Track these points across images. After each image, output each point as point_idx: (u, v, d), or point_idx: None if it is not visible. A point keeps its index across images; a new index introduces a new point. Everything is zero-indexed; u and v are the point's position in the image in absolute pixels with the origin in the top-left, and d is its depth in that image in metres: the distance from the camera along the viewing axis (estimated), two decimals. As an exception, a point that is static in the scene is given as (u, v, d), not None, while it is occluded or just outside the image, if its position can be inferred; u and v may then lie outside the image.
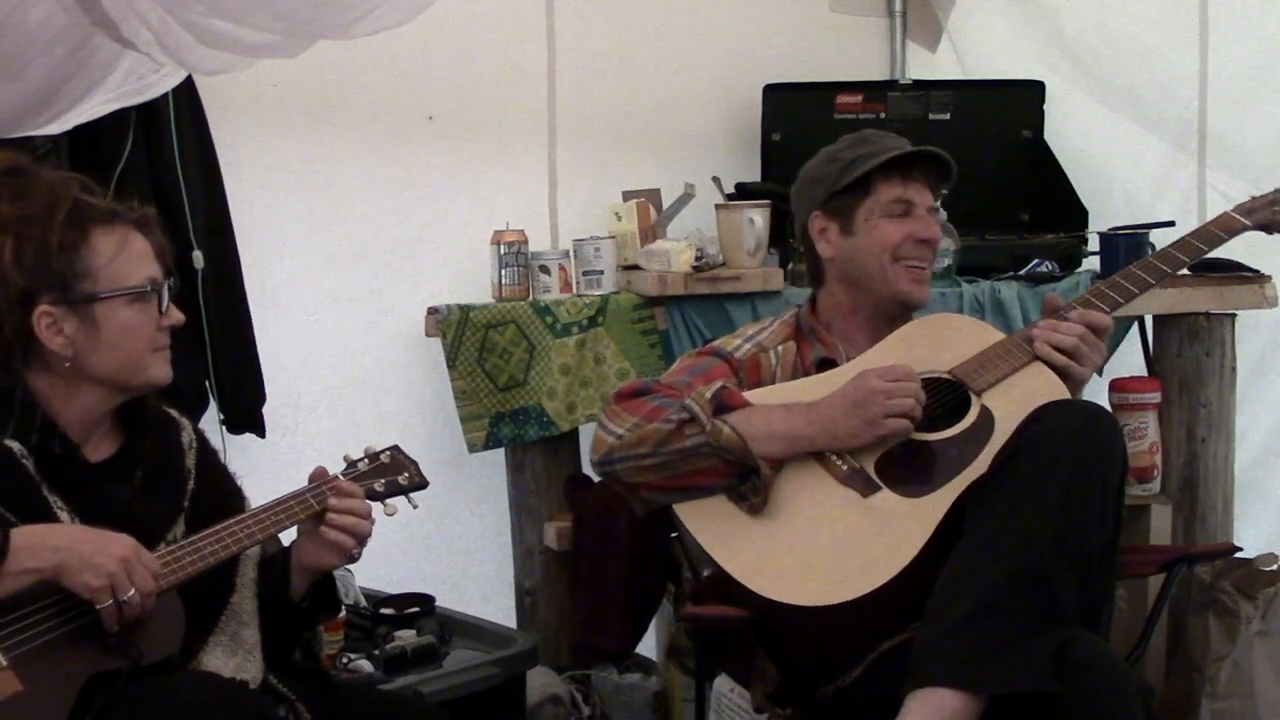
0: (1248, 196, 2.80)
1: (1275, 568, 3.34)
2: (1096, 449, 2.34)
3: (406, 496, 2.40)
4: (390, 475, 2.39)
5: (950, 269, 3.57)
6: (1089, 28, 3.98)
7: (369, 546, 3.33)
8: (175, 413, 2.37)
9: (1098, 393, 3.53)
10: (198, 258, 3.31)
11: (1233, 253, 3.35)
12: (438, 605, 3.17)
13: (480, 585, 3.76)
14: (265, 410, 3.48)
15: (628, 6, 3.98)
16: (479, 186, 3.80)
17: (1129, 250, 3.44)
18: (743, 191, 3.79)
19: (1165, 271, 2.69)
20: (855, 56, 4.27)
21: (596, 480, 3.41)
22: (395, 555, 3.46)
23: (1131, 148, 4.00)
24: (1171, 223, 3.50)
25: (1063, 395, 2.48)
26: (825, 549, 2.38)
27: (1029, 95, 4.02)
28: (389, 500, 2.38)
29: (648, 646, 3.55)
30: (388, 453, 2.42)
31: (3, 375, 2.13)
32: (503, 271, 3.54)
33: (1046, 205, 3.95)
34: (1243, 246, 3.07)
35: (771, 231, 3.58)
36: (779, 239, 3.62)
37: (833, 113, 3.95)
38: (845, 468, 2.44)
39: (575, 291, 3.60)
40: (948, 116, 3.99)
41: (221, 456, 2.43)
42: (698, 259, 3.51)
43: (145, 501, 2.20)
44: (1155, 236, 3.47)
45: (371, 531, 2.31)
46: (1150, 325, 3.76)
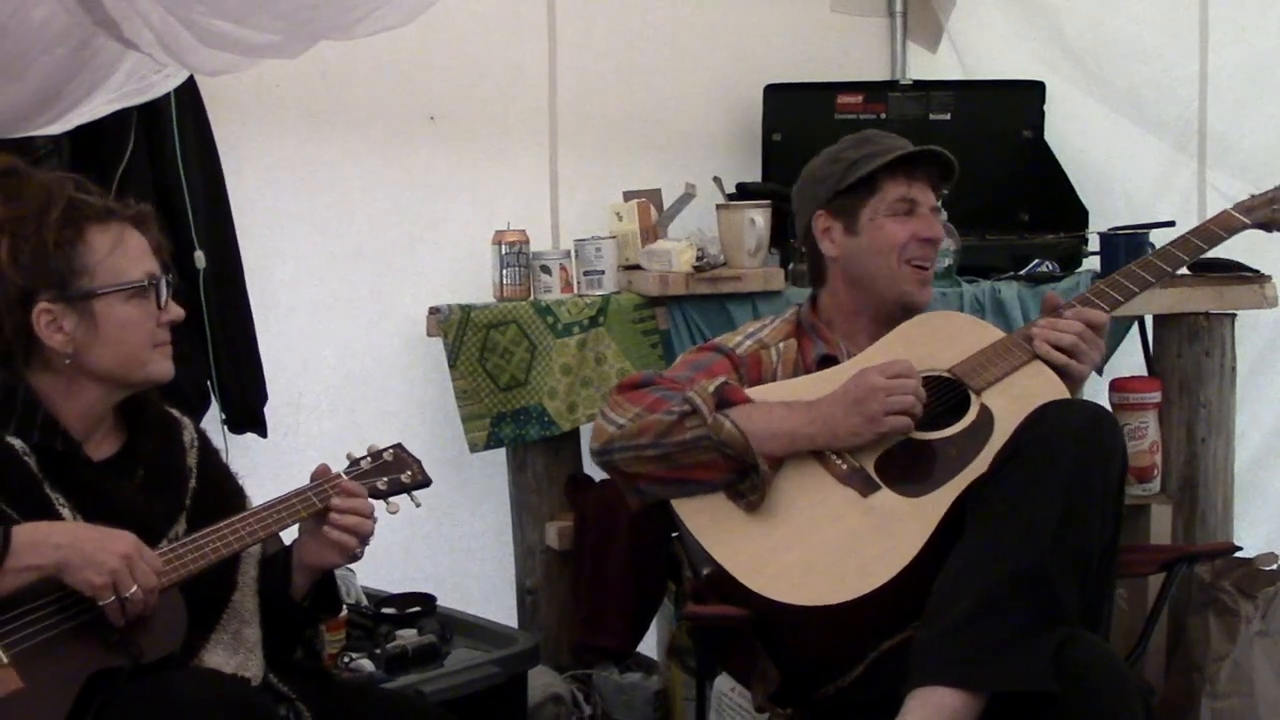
0: (1248, 196, 2.80)
1: (1275, 567, 3.34)
2: (1097, 449, 2.33)
3: (410, 495, 2.40)
4: (393, 473, 2.39)
5: (951, 269, 3.58)
6: (1089, 28, 3.99)
7: (371, 546, 3.33)
8: (177, 412, 2.37)
9: (1098, 392, 3.53)
10: (199, 258, 3.31)
11: (1233, 253, 3.35)
12: (439, 605, 3.17)
13: (481, 584, 3.75)
14: (267, 410, 3.49)
15: (629, 7, 3.98)
16: (480, 186, 3.81)
17: (1129, 250, 3.43)
18: (743, 191, 3.79)
19: (1165, 270, 2.69)
20: (856, 57, 4.28)
21: (597, 480, 3.43)
22: (396, 555, 3.46)
23: (1131, 148, 4.00)
24: (1171, 223, 3.50)
25: (1062, 394, 2.48)
26: (825, 548, 2.37)
27: (1029, 95, 4.03)
28: (392, 498, 2.38)
29: (649, 646, 3.54)
30: (391, 451, 2.42)
31: (4, 374, 2.14)
32: (504, 271, 3.55)
33: (1047, 205, 3.95)
34: (1243, 246, 3.07)
35: (772, 231, 3.58)
36: (780, 239, 3.62)
37: (833, 113, 3.95)
38: (845, 467, 2.44)
39: (576, 291, 3.60)
40: (948, 117, 3.99)
41: (223, 456, 2.43)
42: (699, 259, 3.52)
43: (147, 500, 2.20)
44: (1155, 236, 3.47)
45: (374, 531, 2.31)
46: (1150, 325, 3.76)
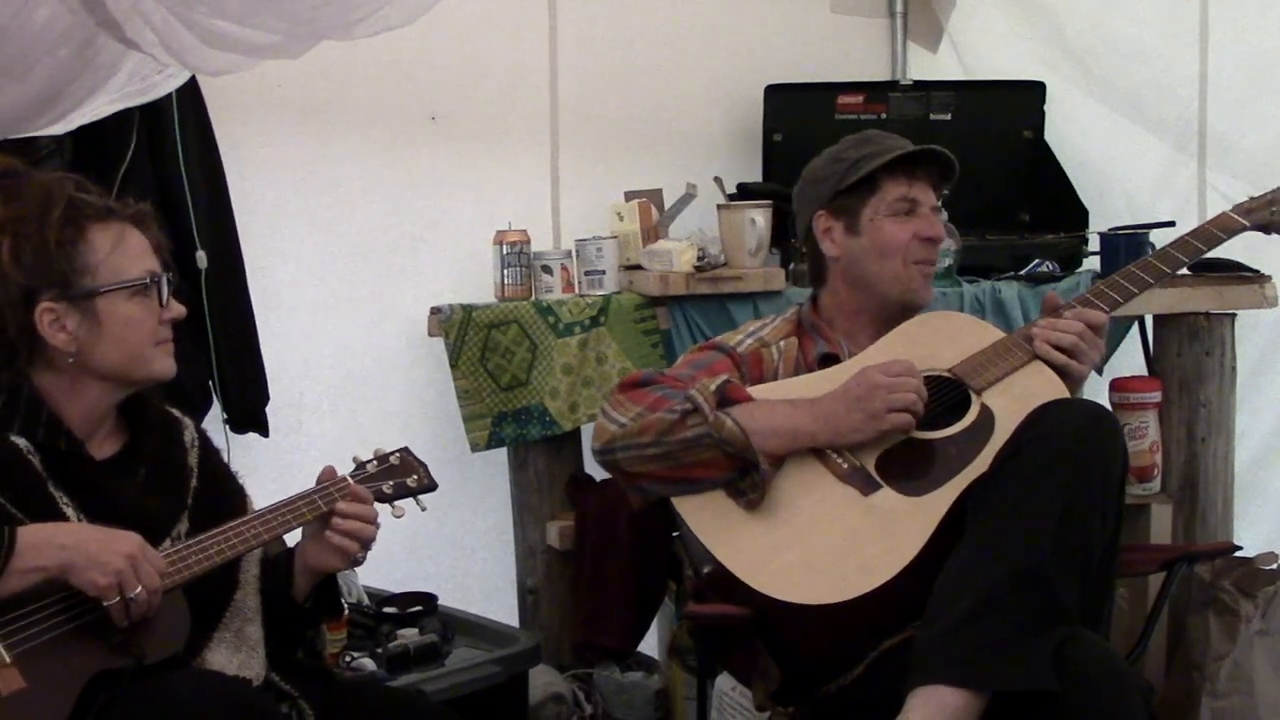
0: (1247, 196, 2.80)
1: (1275, 566, 3.34)
2: (1097, 449, 2.33)
3: (415, 499, 2.40)
4: (399, 477, 2.38)
5: (951, 269, 3.58)
6: (1089, 28, 3.99)
7: (372, 545, 3.34)
8: (177, 412, 2.37)
9: (1098, 392, 3.53)
10: (201, 258, 3.31)
11: (1233, 253, 3.35)
12: (440, 604, 3.18)
13: (483, 584, 3.76)
14: (268, 410, 3.49)
15: (630, 7, 3.99)
16: (481, 186, 3.81)
17: (1129, 250, 3.44)
18: (744, 191, 3.79)
19: (1164, 271, 2.69)
20: (856, 57, 4.28)
21: (599, 479, 3.43)
22: (398, 554, 3.46)
23: (1131, 148, 4.01)
24: (1171, 223, 3.50)
25: (1062, 393, 2.48)
26: (826, 547, 2.37)
27: (1029, 96, 4.03)
28: (397, 502, 2.37)
29: (650, 645, 3.55)
30: (397, 455, 2.41)
31: (8, 373, 2.14)
32: (505, 271, 3.55)
33: (1047, 205, 3.96)
34: (1243, 246, 3.07)
35: (773, 231, 3.59)
36: (780, 239, 3.62)
37: (834, 113, 3.96)
38: (846, 466, 2.44)
39: (577, 291, 3.61)
40: (949, 117, 3.99)
41: (225, 456, 2.43)
42: (699, 259, 3.52)
43: (149, 499, 2.20)
44: (1155, 236, 3.47)
45: (376, 537, 2.30)
46: (1150, 325, 3.76)
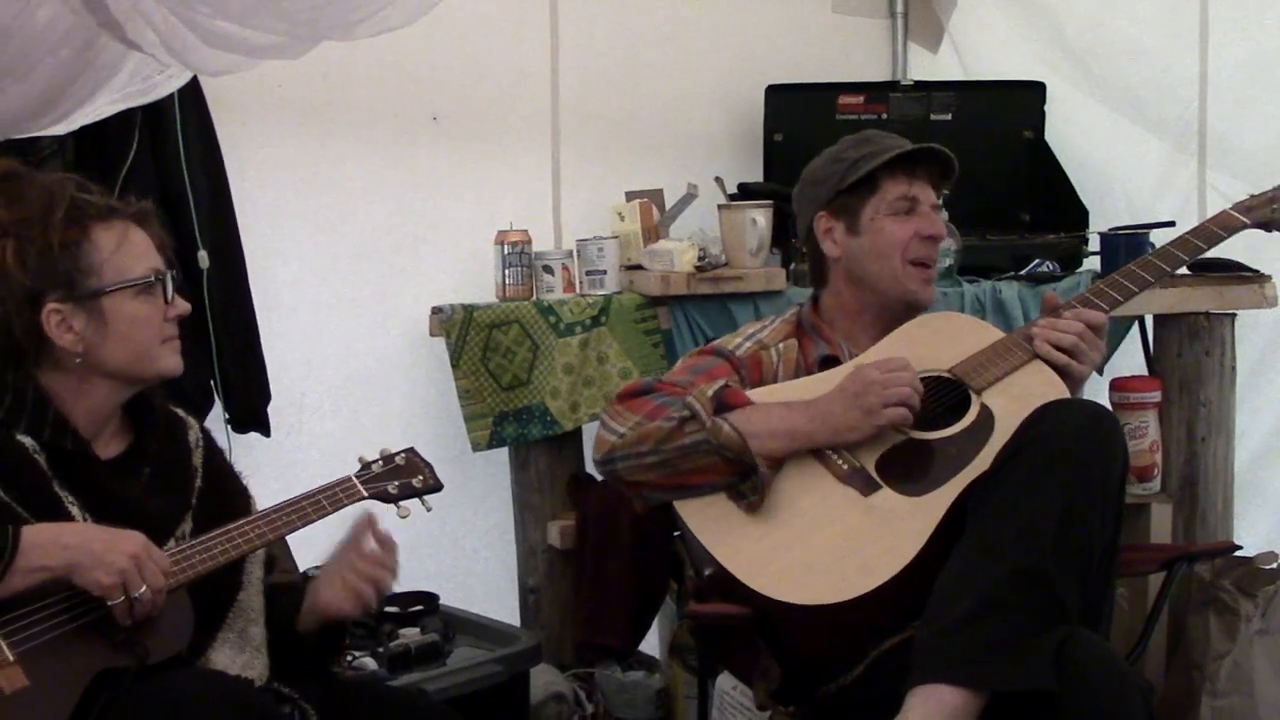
0: (1247, 195, 2.80)
1: (1275, 566, 3.34)
2: (1098, 448, 2.34)
3: (420, 499, 2.39)
4: (404, 477, 2.37)
5: (952, 269, 3.58)
6: (1089, 28, 4.00)
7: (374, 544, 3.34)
8: (182, 412, 2.38)
9: (1098, 392, 3.54)
10: (203, 258, 3.31)
11: (1233, 252, 3.36)
12: (441, 603, 3.19)
13: (484, 583, 3.76)
14: (270, 409, 3.49)
15: (631, 7, 3.99)
16: (483, 186, 3.81)
17: (1129, 250, 3.44)
18: (745, 192, 3.79)
19: (1164, 270, 2.69)
20: (857, 57, 4.29)
21: (599, 479, 3.43)
22: (400, 553, 3.47)
23: (1131, 148, 4.01)
24: (1172, 223, 3.50)
25: (1062, 393, 2.48)
26: (826, 548, 2.38)
27: (1030, 96, 4.04)
28: (402, 502, 2.37)
29: (651, 644, 3.56)
30: (403, 455, 2.40)
31: (14, 374, 2.14)
32: (506, 271, 3.55)
33: (1047, 205, 3.96)
34: (1243, 246, 3.08)
35: (774, 231, 3.59)
36: (781, 239, 3.63)
37: (835, 113, 3.96)
38: (846, 466, 2.44)
39: (578, 291, 3.61)
40: (949, 117, 4.00)
41: (227, 456, 2.43)
42: (700, 259, 3.52)
43: (153, 499, 2.20)
44: (1155, 236, 3.47)
45: (391, 588, 2.30)
46: (1150, 325, 3.76)
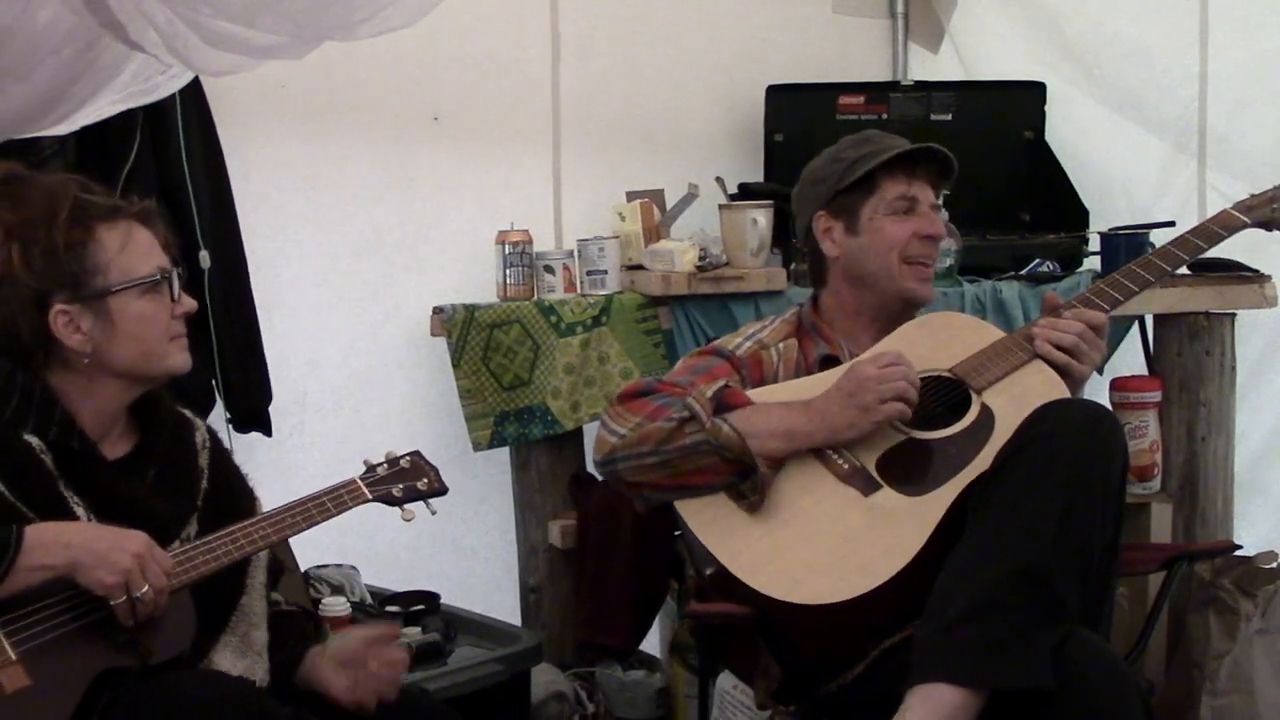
0: (1248, 195, 2.81)
1: (1275, 565, 3.35)
2: (1098, 448, 2.34)
3: (425, 502, 2.39)
4: (409, 480, 2.36)
5: (952, 269, 3.59)
6: (1089, 29, 4.00)
7: (375, 544, 3.36)
8: (189, 412, 2.37)
9: (1099, 391, 3.54)
10: (204, 258, 3.32)
11: (1233, 252, 3.36)
12: (443, 603, 3.18)
13: (485, 583, 3.76)
14: (271, 409, 3.49)
15: (632, 8, 3.99)
16: (484, 187, 3.81)
17: (1129, 250, 3.44)
18: (746, 192, 3.79)
19: (1165, 269, 2.69)
20: (858, 58, 4.28)
21: (600, 479, 3.44)
22: (401, 553, 3.48)
23: (1132, 148, 4.01)
24: (1172, 223, 3.50)
25: (1063, 393, 2.49)
26: (826, 547, 2.38)
27: (1030, 96, 4.04)
28: (407, 505, 2.36)
29: (651, 643, 3.56)
30: (408, 458, 2.39)
31: (22, 374, 2.14)
32: (507, 271, 3.55)
33: (1047, 205, 3.96)
34: (1243, 246, 3.08)
35: (774, 231, 3.59)
36: (782, 239, 3.63)
37: (835, 113, 3.96)
38: (846, 466, 2.45)
39: (579, 291, 3.61)
40: (949, 117, 4.00)
41: (232, 456, 2.43)
42: (701, 259, 3.52)
43: (159, 499, 2.20)
44: (1155, 236, 3.47)
45: (394, 696, 2.25)
46: (1150, 324, 3.77)
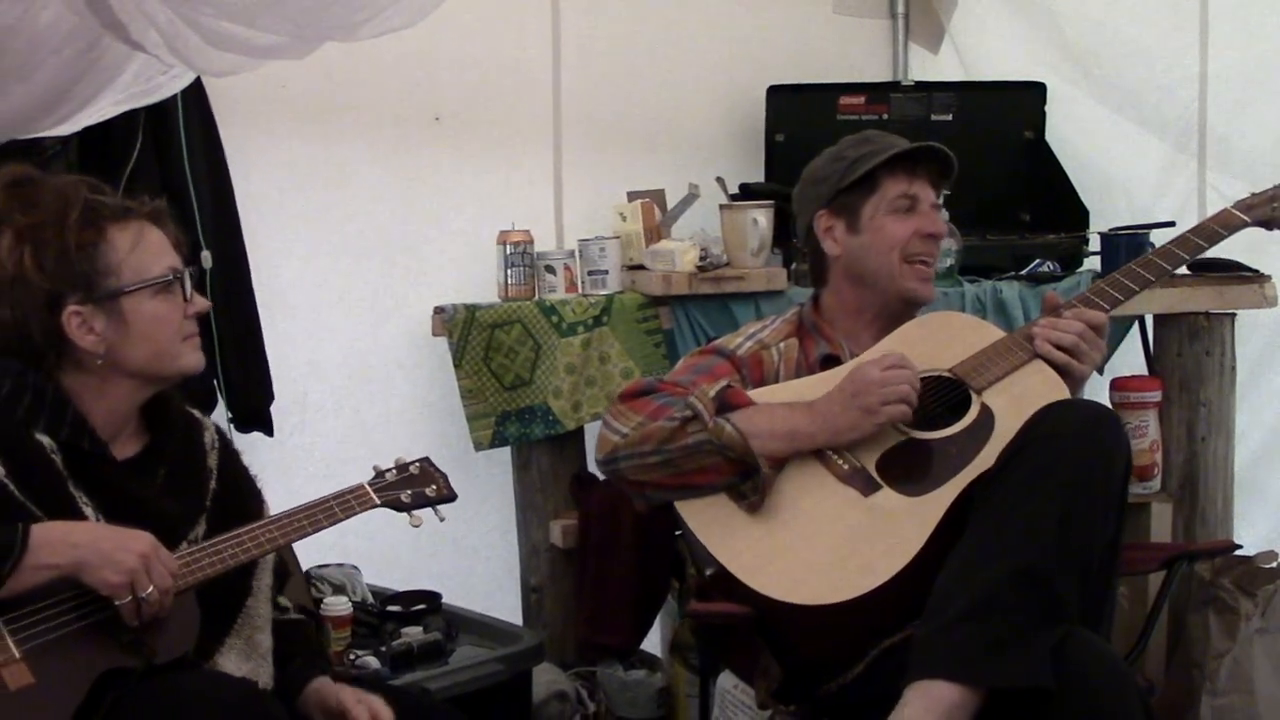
0: (1248, 194, 2.81)
1: (1275, 565, 3.35)
2: (1099, 448, 2.34)
3: (434, 509, 2.39)
4: (418, 487, 2.37)
5: (952, 269, 3.59)
6: (1090, 29, 4.00)
7: (377, 543, 3.36)
8: (198, 413, 2.37)
9: (1099, 391, 3.54)
10: (206, 257, 3.31)
11: (1233, 252, 3.37)
12: (444, 602, 3.19)
13: (486, 582, 3.77)
14: (273, 409, 3.49)
15: (632, 8, 3.99)
16: (485, 186, 3.82)
17: (1130, 250, 3.44)
18: (746, 192, 3.80)
19: (1165, 269, 2.69)
20: (858, 58, 4.29)
21: (602, 478, 3.44)
22: (402, 553, 3.47)
23: (1132, 148, 4.02)
24: (1172, 223, 3.51)
25: (1063, 393, 2.49)
26: (826, 548, 2.39)
27: (1030, 96, 4.04)
28: (415, 512, 2.36)
29: (652, 643, 3.56)
30: (417, 464, 2.40)
31: (34, 374, 2.14)
32: (508, 271, 3.56)
33: (1048, 205, 3.96)
34: (1243, 246, 3.08)
35: (775, 232, 3.59)
36: (783, 239, 3.63)
37: (836, 114, 3.97)
38: (846, 467, 2.45)
39: (580, 291, 3.61)
40: (950, 118, 4.00)
41: (240, 457, 2.42)
42: (702, 259, 3.53)
43: (168, 500, 2.20)
44: (1155, 236, 3.47)
45: None
46: (1150, 324, 3.77)
